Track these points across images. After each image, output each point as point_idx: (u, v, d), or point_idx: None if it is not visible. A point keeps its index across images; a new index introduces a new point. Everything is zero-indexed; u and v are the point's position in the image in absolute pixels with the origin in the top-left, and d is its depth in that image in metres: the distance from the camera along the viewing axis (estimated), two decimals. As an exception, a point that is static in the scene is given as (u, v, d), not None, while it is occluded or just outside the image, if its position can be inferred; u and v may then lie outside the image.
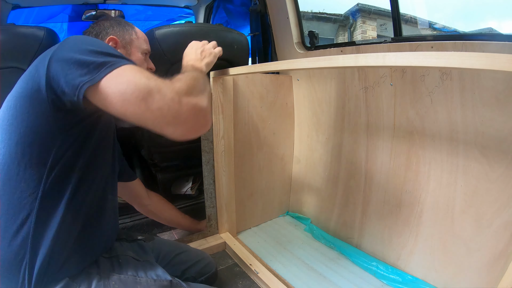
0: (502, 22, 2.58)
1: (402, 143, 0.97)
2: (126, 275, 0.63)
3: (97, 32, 0.75)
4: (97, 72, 0.49)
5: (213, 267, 0.93)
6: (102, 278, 0.60)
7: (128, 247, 0.77)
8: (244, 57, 1.34)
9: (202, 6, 2.15)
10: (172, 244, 0.96)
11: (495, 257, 0.76)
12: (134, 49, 0.78)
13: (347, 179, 1.18)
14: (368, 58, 0.55)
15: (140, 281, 0.63)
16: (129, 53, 0.77)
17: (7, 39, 0.98)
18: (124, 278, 0.62)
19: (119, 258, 0.67)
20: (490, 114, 0.75)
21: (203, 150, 1.10)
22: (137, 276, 0.64)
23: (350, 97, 1.12)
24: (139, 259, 0.70)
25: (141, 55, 0.80)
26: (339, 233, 1.23)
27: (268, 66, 0.87)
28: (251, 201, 1.32)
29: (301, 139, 1.40)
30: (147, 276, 0.65)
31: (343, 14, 5.63)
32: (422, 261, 0.94)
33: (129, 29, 0.79)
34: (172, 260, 0.87)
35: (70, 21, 2.19)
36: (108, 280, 0.60)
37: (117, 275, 0.62)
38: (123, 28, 0.77)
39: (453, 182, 0.84)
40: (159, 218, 1.12)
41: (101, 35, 0.75)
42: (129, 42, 0.77)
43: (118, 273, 0.62)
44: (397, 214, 1.00)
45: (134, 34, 0.79)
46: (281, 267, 1.05)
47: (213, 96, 1.06)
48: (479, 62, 0.42)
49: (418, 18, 2.85)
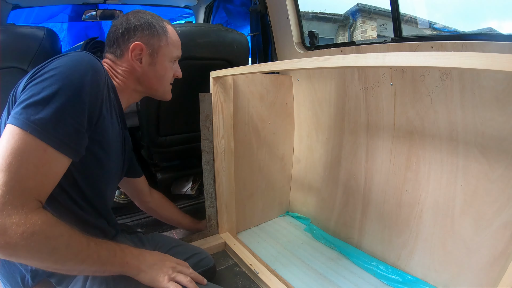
0: (503, 22, 2.58)
1: (402, 143, 0.97)
2: None
3: (125, 29, 0.68)
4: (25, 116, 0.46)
5: (211, 262, 0.93)
6: None
7: (128, 238, 0.80)
8: (244, 57, 1.34)
9: (202, 6, 2.15)
10: (170, 238, 0.97)
11: (495, 257, 0.76)
12: (161, 58, 0.72)
13: (347, 179, 1.18)
14: (368, 58, 0.55)
15: None
16: (155, 62, 0.71)
17: (7, 39, 0.98)
18: None
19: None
20: (490, 114, 0.75)
21: (203, 150, 1.10)
22: None
23: (350, 97, 1.12)
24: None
25: (167, 64, 0.74)
26: (339, 233, 1.23)
27: (268, 66, 0.87)
28: (251, 201, 1.32)
29: (301, 139, 1.40)
30: None
31: (343, 14, 5.64)
32: (422, 261, 0.94)
33: (161, 33, 0.71)
34: (168, 252, 0.88)
35: (70, 21, 2.19)
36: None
37: None
38: (154, 31, 0.70)
39: (453, 182, 0.84)
40: (160, 216, 1.12)
41: (127, 35, 0.68)
42: (157, 49, 0.71)
43: None
44: (397, 214, 1.00)
45: (164, 40, 0.71)
46: (281, 267, 1.05)
47: (213, 96, 1.06)
48: (479, 62, 0.42)
49: (418, 18, 2.85)
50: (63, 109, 0.49)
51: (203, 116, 1.07)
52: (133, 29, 0.68)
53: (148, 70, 0.71)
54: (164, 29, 0.72)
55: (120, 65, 0.70)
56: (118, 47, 0.69)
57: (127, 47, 0.68)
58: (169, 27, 0.74)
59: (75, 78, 0.51)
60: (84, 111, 0.52)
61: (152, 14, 0.73)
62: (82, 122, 0.52)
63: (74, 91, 0.50)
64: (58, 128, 0.48)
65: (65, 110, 0.49)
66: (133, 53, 0.68)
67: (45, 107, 0.47)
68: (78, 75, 0.52)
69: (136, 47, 0.68)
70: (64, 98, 0.49)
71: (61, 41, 1.30)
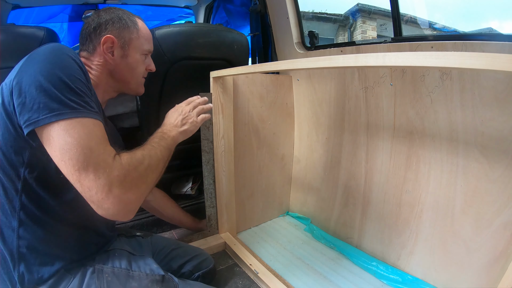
0: (504, 22, 2.58)
1: (402, 143, 0.97)
2: (119, 268, 0.64)
3: (96, 25, 0.70)
4: (48, 113, 0.48)
5: (211, 263, 0.93)
6: (96, 270, 0.61)
7: (126, 242, 0.79)
8: (244, 57, 1.34)
9: (202, 6, 2.15)
10: (169, 240, 0.97)
11: (495, 257, 0.76)
12: (133, 50, 0.74)
13: (347, 179, 1.18)
14: (368, 58, 0.55)
15: (133, 275, 0.65)
16: (127, 54, 0.73)
17: (7, 39, 0.98)
18: (117, 271, 0.63)
19: (115, 252, 0.68)
20: (490, 114, 0.75)
21: (203, 150, 1.10)
22: (130, 269, 0.65)
23: (350, 97, 1.12)
24: (135, 254, 0.71)
25: (139, 57, 0.76)
26: (339, 233, 1.23)
27: (268, 66, 0.87)
28: (251, 201, 1.32)
29: (301, 139, 1.40)
30: (140, 270, 0.66)
31: (343, 14, 5.63)
32: (422, 261, 0.94)
33: (131, 26, 0.73)
34: (168, 255, 0.88)
35: (70, 21, 2.19)
36: (102, 272, 0.62)
37: (111, 268, 0.63)
38: (124, 24, 0.72)
39: (453, 182, 0.84)
40: (161, 215, 1.12)
41: (99, 30, 0.70)
42: (128, 42, 0.72)
43: (112, 266, 0.64)
44: (397, 214, 1.00)
45: (135, 32, 0.73)
46: (281, 267, 1.05)
47: (213, 96, 1.06)
48: (479, 62, 0.42)
49: (418, 18, 2.85)
50: (76, 87, 0.52)
51: (203, 116, 1.07)
52: (104, 23, 0.70)
53: (120, 62, 0.73)
54: (134, 22, 0.74)
55: (93, 60, 0.71)
56: (91, 42, 0.70)
57: (99, 41, 0.69)
58: (139, 21, 0.76)
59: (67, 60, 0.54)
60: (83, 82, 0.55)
61: (123, 10, 0.75)
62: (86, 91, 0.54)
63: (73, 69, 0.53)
64: (85, 103, 0.52)
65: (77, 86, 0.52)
66: (104, 45, 0.69)
67: (62, 92, 0.50)
68: (69, 58, 0.54)
69: (108, 39, 0.69)
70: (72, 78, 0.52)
71: (61, 41, 1.30)
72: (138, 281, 0.64)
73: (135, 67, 0.76)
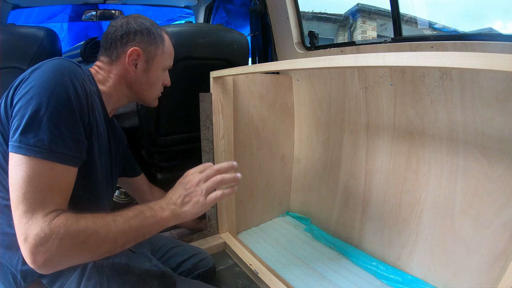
0: (505, 22, 2.58)
1: (402, 143, 0.97)
2: (119, 264, 0.65)
3: (124, 33, 0.68)
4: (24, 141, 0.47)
5: (210, 262, 0.93)
6: (96, 264, 0.62)
7: None
8: (244, 57, 1.34)
9: (202, 6, 2.15)
10: (169, 238, 0.97)
11: (495, 257, 0.76)
12: (156, 66, 0.72)
13: (347, 179, 1.18)
14: (368, 58, 0.55)
15: (132, 270, 0.65)
16: (149, 69, 0.72)
17: (7, 39, 0.98)
18: (117, 266, 0.64)
19: None
20: (490, 114, 0.75)
21: (203, 150, 1.10)
22: (130, 265, 0.66)
23: (350, 97, 1.12)
24: (135, 251, 0.71)
25: (160, 73, 0.75)
26: (339, 233, 1.23)
27: (268, 66, 0.87)
28: (251, 201, 1.32)
29: (301, 139, 1.40)
30: (140, 265, 0.67)
31: (343, 14, 5.63)
32: (422, 261, 0.94)
33: (159, 41, 0.72)
34: (167, 253, 0.88)
35: (70, 21, 2.20)
36: (102, 267, 0.62)
37: (111, 263, 0.64)
38: (152, 39, 0.70)
39: (453, 182, 0.84)
40: None
41: (127, 39, 0.68)
42: (153, 57, 0.71)
43: (112, 261, 0.64)
44: (397, 214, 1.00)
45: (161, 48, 0.72)
46: (281, 267, 1.05)
47: (213, 96, 1.06)
48: (479, 62, 0.42)
49: (418, 18, 2.85)
50: (57, 124, 0.50)
51: (203, 116, 1.07)
52: (133, 33, 0.68)
53: (141, 76, 0.72)
54: (162, 38, 0.73)
55: (113, 68, 0.70)
56: (115, 49, 0.69)
57: (124, 50, 0.68)
58: (166, 36, 0.75)
59: (59, 89, 0.51)
60: (77, 119, 0.53)
61: (152, 21, 0.73)
62: (78, 130, 0.53)
63: (62, 102, 0.51)
64: (58, 144, 0.50)
65: (59, 124, 0.50)
66: (130, 57, 0.68)
67: (40, 127, 0.48)
68: (62, 86, 0.52)
69: (134, 52, 0.68)
70: (55, 112, 0.50)
71: (61, 41, 1.30)
72: (138, 276, 0.65)
73: (155, 82, 0.75)
